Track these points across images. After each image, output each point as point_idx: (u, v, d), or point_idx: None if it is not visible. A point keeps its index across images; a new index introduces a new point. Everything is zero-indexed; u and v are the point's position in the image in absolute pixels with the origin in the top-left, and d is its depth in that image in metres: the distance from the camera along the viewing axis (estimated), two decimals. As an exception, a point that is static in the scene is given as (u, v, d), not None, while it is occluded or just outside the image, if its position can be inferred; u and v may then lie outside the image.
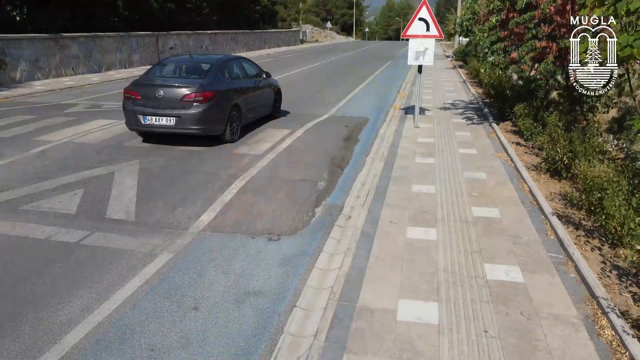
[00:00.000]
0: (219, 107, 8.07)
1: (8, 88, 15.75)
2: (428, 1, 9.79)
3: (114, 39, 21.67)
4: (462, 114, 11.66)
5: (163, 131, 8.03)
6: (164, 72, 8.83)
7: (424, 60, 9.75)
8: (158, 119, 7.87)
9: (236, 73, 9.24)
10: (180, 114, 7.78)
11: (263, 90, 10.09)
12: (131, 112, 8.07)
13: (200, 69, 8.75)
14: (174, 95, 7.82)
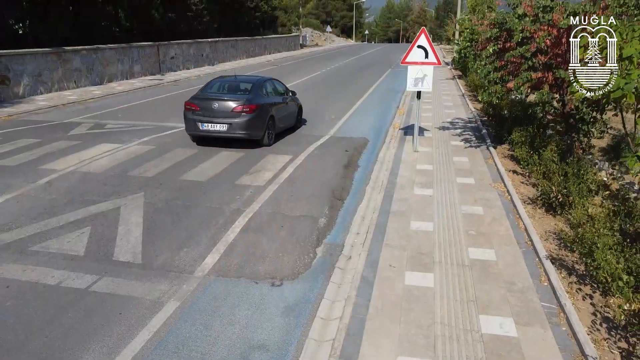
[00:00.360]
0: (260, 117, 10.05)
1: (12, 104, 15.92)
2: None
3: (115, 51, 21.83)
4: (461, 135, 11.83)
5: (216, 135, 9.98)
6: (216, 88, 10.95)
7: (423, 87, 9.92)
8: (213, 125, 9.88)
9: (270, 91, 11.28)
10: (231, 122, 9.80)
11: (289, 105, 12.00)
12: (191, 120, 10.08)
13: (244, 87, 10.85)
14: (226, 107, 9.86)
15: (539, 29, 8.21)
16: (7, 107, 15.43)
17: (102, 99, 17.69)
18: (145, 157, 9.45)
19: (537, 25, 8.20)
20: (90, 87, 20.09)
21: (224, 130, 9.85)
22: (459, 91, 19.62)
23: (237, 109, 9.80)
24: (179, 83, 22.74)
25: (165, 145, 10.43)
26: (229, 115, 9.80)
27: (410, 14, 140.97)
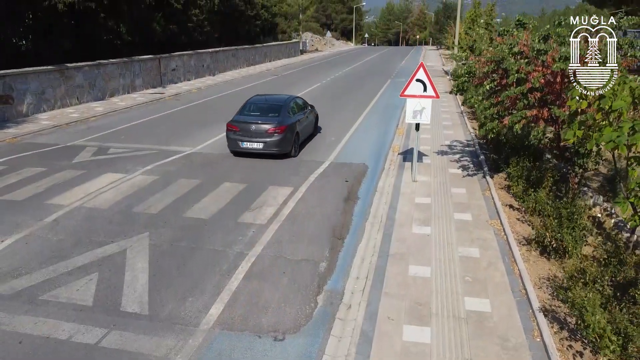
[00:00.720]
0: (288, 135, 11.96)
1: (16, 123, 16.12)
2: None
3: (117, 66, 22.02)
4: (459, 161, 12.02)
5: (254, 151, 11.86)
6: (251, 110, 12.67)
7: (422, 119, 10.11)
8: (251, 144, 11.81)
9: (294, 109, 12.98)
10: (266, 141, 11.73)
11: (309, 117, 13.93)
12: (233, 139, 12.03)
13: (274, 108, 12.53)
14: (262, 129, 11.78)
15: (533, 70, 8.40)
16: (12, 127, 15.64)
17: (104, 117, 17.89)
18: (149, 189, 9.64)
19: (532, 67, 8.39)
20: (92, 102, 20.29)
21: (260, 148, 11.82)
22: (457, 107, 19.81)
23: (270, 131, 11.70)
24: (180, 97, 22.92)
25: (168, 174, 10.62)
26: (264, 135, 11.74)
27: (410, 16, 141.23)
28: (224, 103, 20.91)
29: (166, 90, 24.57)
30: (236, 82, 28.85)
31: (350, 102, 20.75)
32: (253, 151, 11.90)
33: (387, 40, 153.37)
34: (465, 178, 10.67)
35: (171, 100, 21.92)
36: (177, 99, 22.36)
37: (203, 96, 23.09)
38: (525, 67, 8.41)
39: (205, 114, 18.33)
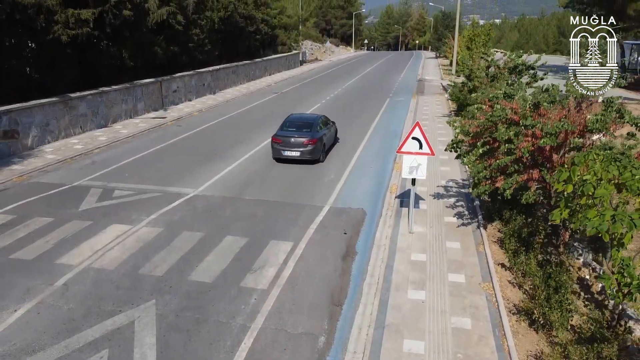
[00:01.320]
0: (318, 146, 15.65)
1: (22, 158, 16.46)
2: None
3: (119, 92, 22.36)
4: (454, 206, 12.36)
5: (293, 158, 15.51)
6: (289, 127, 16.23)
7: (417, 174, 10.45)
8: (291, 152, 15.46)
9: (321, 125, 16.56)
10: (302, 150, 15.42)
11: (331, 131, 17.74)
12: (277, 149, 15.66)
13: (307, 125, 16.22)
14: (298, 141, 15.43)
15: (523, 140, 8.75)
16: (18, 162, 15.98)
17: (108, 148, 18.24)
18: (154, 245, 9.97)
19: (521, 138, 8.73)
20: (95, 130, 20.62)
21: (297, 156, 15.47)
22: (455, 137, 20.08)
23: (305, 142, 15.40)
24: (182, 122, 23.27)
25: (172, 225, 10.95)
26: (300, 146, 15.40)
27: (409, 20, 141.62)
28: (224, 129, 21.25)
29: (167, 113, 24.91)
30: (236, 102, 29.19)
31: (349, 129, 21.06)
32: (292, 158, 15.55)
33: (387, 43, 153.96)
34: (460, 229, 11.01)
35: (172, 126, 22.25)
36: (178, 124, 22.70)
37: (204, 120, 23.42)
38: (514, 140, 8.73)
39: (207, 144, 18.64)
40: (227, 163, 16.03)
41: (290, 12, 50.63)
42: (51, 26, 18.52)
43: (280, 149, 15.58)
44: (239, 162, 16.23)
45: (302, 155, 15.38)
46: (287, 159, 15.61)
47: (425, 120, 23.31)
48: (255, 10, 41.44)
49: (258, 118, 23.87)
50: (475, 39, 30.68)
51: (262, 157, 16.91)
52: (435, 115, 25.02)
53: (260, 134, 19.94)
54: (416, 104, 28.70)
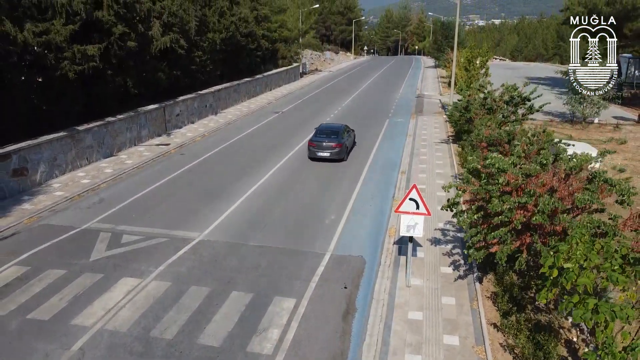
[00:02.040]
0: (343, 148, 20.75)
1: (31, 195, 16.94)
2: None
3: (124, 121, 22.83)
4: (450, 254, 12.85)
5: (324, 158, 20.54)
6: (321, 134, 21.19)
7: (415, 233, 10.94)
8: (323, 153, 20.53)
9: (344, 133, 21.62)
10: (331, 152, 20.49)
11: (351, 136, 23.02)
12: (312, 151, 20.76)
13: (334, 133, 21.20)
14: (329, 145, 20.51)
15: (515, 212, 9.23)
16: (27, 200, 16.45)
17: (114, 181, 18.72)
18: (163, 303, 10.46)
19: (514, 212, 9.21)
20: (101, 160, 21.07)
21: (328, 156, 20.61)
22: (452, 169, 20.61)
23: (333, 146, 20.58)
24: (185, 149, 23.74)
25: (180, 279, 11.44)
26: (330, 148, 20.58)
27: (408, 24, 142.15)
28: (226, 160, 21.68)
29: (171, 139, 25.39)
30: (237, 125, 29.66)
31: (349, 159, 21.54)
32: (324, 158, 20.70)
33: (387, 47, 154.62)
34: (456, 282, 11.50)
35: (176, 154, 22.73)
36: (181, 152, 23.16)
37: (206, 147, 23.88)
38: (508, 213, 9.21)
39: (210, 178, 19.10)
40: (230, 201, 16.51)
41: (290, 25, 51.05)
42: (59, 62, 18.99)
43: (315, 150, 20.79)
44: (241, 200, 16.70)
45: (331, 156, 20.68)
46: (320, 158, 20.87)
47: (423, 148, 23.80)
48: (256, 26, 41.93)
49: (259, 145, 24.32)
50: (473, 61, 31.15)
51: (263, 193, 17.40)
52: (434, 140, 25.49)
53: (261, 167, 20.44)
54: (415, 126, 29.18)
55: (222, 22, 33.37)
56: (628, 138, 27.42)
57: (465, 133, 22.87)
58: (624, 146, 25.80)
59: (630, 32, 36.60)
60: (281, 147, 23.83)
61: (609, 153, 10.75)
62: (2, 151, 16.48)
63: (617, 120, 32.08)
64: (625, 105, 39.96)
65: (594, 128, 30.06)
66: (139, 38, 23.91)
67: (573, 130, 29.47)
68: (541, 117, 33.19)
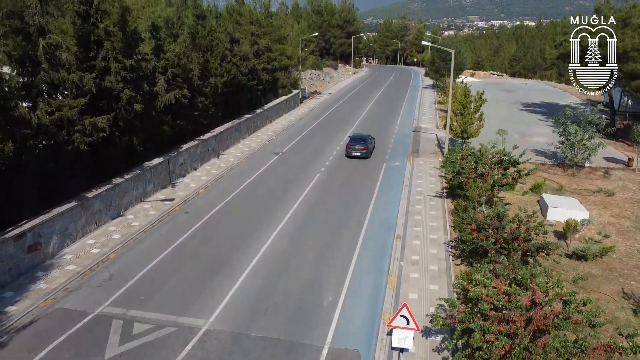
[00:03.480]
0: (369, 150, 33.15)
1: (44, 270, 17.84)
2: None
3: (130, 180, 23.75)
4: (440, 349, 13.78)
5: (357, 156, 32.32)
6: (354, 140, 33.33)
7: (405, 345, 11.90)
8: (355, 152, 32.50)
9: (369, 139, 34.49)
10: (361, 152, 32.56)
11: (373, 142, 34.66)
12: (349, 151, 32.71)
13: (363, 139, 33.43)
14: (360, 148, 32.58)
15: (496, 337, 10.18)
16: (41, 278, 17.35)
17: (122, 250, 19.66)
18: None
19: (492, 350, 10.16)
20: (109, 223, 21.96)
21: (359, 155, 32.11)
22: (445, 233, 21.53)
23: (362, 148, 32.26)
24: (189, 204, 24.67)
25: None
26: (360, 150, 32.22)
27: (407, 34, 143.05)
28: (229, 220, 22.55)
29: (175, 192, 26.29)
30: (239, 170, 30.60)
31: (346, 221, 22.50)
32: (356, 155, 32.11)
33: (386, 56, 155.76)
34: (443, 384, 12.46)
35: (180, 213, 23.65)
36: (186, 210, 24.08)
37: (210, 203, 24.81)
38: (487, 351, 10.16)
39: (214, 246, 20.03)
40: (234, 277, 17.48)
41: (290, 52, 51.96)
42: (71, 136, 19.91)
43: (350, 151, 32.59)
44: (244, 275, 17.66)
45: (361, 154, 32.43)
46: (354, 157, 32.50)
47: (418, 204, 24.73)
48: (256, 59, 42.84)
49: (260, 200, 25.24)
50: (468, 106, 32.10)
51: (265, 265, 18.34)
52: (429, 194, 26.40)
53: (263, 229, 21.37)
54: (411, 172, 30.10)
55: (224, 67, 34.27)
56: (617, 188, 28.38)
57: (458, 188, 23.85)
58: (612, 199, 26.77)
59: (621, 73, 37.57)
60: (282, 202, 24.75)
61: (581, 279, 11.64)
62: (18, 231, 17.39)
63: (608, 163, 33.04)
64: (618, 138, 41.06)
65: (584, 173, 31.00)
66: (144, 96, 24.86)
67: (564, 176, 30.42)
68: (534, 157, 34.27)
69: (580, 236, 21.88)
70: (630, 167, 32.26)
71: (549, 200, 24.54)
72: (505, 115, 48.66)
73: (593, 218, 23.86)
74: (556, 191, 27.68)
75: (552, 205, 23.81)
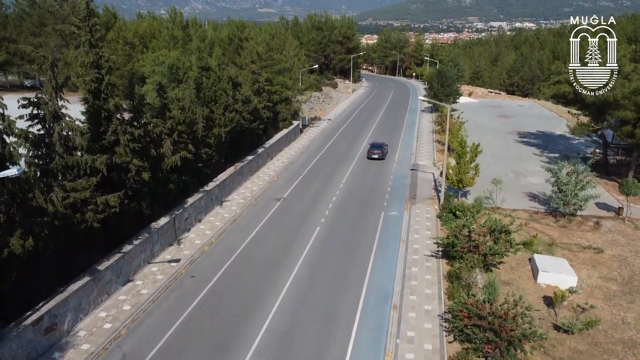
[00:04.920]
0: (384, 153, 46.56)
1: (60, 351, 18.89)
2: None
3: (139, 245, 24.79)
4: None
5: (375, 158, 45.62)
6: (373, 146, 46.83)
7: None
8: (373, 155, 45.88)
9: (384, 145, 47.53)
10: (379, 155, 45.89)
11: (387, 148, 47.95)
12: (369, 154, 46.10)
13: (379, 146, 46.93)
14: (378, 152, 46.04)
15: None
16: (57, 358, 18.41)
17: (133, 324, 20.69)
18: None
19: None
20: (119, 290, 22.98)
21: (377, 157, 45.49)
22: (440, 303, 22.57)
23: (380, 152, 45.90)
24: (195, 266, 25.70)
25: None
26: (378, 154, 45.69)
27: (406, 45, 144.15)
28: (235, 285, 23.58)
29: (181, 249, 27.33)
30: (242, 221, 31.64)
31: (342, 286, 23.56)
32: (374, 158, 45.42)
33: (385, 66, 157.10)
34: None
35: (187, 277, 24.69)
36: (192, 273, 25.11)
37: (215, 264, 25.85)
38: None
39: (219, 319, 21.08)
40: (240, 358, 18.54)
41: (290, 83, 53.04)
42: (84, 215, 20.96)
43: (370, 154, 45.33)
44: (250, 355, 18.73)
45: (378, 157, 45.19)
46: (373, 158, 45.29)
47: (414, 266, 25.78)
48: (257, 97, 43.87)
49: (262, 263, 26.26)
50: (464, 157, 33.18)
51: (269, 346, 19.39)
52: (424, 253, 27.44)
53: (267, 296, 22.42)
54: (408, 225, 31.13)
55: (227, 116, 35.32)
56: (606, 242, 29.45)
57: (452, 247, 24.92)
58: (601, 257, 27.85)
59: (612, 118, 38.71)
60: (283, 266, 25.78)
61: None
62: (36, 316, 18.43)
63: (599, 210, 34.06)
64: (610, 175, 42.18)
65: (576, 224, 32.08)
66: (152, 161, 25.93)
67: (556, 228, 31.49)
68: (527, 204, 35.40)
69: (568, 303, 22.97)
70: (621, 215, 33.34)
71: (540, 262, 25.61)
72: (500, 150, 49.73)
73: (582, 280, 24.98)
74: (548, 246, 28.80)
75: (542, 269, 24.89)
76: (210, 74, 34.85)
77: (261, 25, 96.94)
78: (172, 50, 40.71)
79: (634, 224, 32.14)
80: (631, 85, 35.44)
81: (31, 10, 59.80)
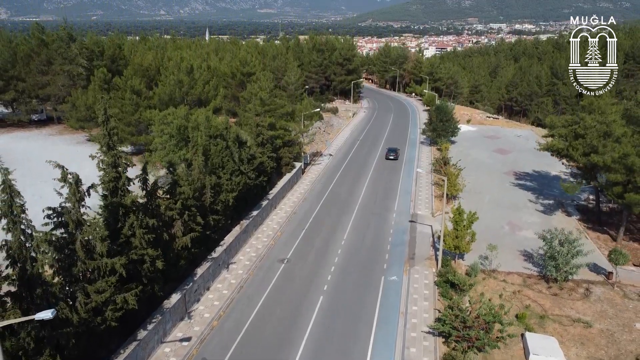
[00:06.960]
0: (398, 156, 66.04)
1: None
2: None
3: (153, 330, 26.21)
4: None
5: (391, 159, 64.91)
6: (389, 150, 65.91)
7: None
8: (390, 157, 65.00)
9: (397, 149, 66.86)
10: (394, 156, 65.15)
11: (399, 151, 67.84)
12: (387, 155, 65.23)
13: (395, 150, 66.21)
14: (393, 155, 65.17)
15: None
16: None
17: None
18: None
19: None
20: (135, 378, 24.48)
21: (392, 158, 64.66)
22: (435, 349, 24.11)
23: (394, 155, 65.14)
24: (206, 346, 27.11)
25: None
26: (393, 156, 64.88)
27: (406, 62, 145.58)
28: None
29: (191, 325, 28.74)
30: (248, 288, 33.02)
31: None
32: (390, 160, 64.38)
33: (385, 80, 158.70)
34: None
35: (199, 358, 26.16)
36: (203, 354, 26.53)
37: (224, 344, 27.24)
38: None
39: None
40: None
41: (292, 126, 54.46)
42: (103, 314, 22.41)
43: (388, 155, 64.47)
44: None
45: (393, 158, 64.30)
46: (389, 159, 64.28)
47: (412, 347, 27.27)
48: (260, 148, 45.29)
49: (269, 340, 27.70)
50: (460, 223, 34.67)
51: None
52: (422, 329, 28.90)
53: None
54: (407, 295, 32.58)
55: (234, 180, 36.74)
56: (595, 314, 30.98)
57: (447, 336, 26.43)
58: (590, 332, 29.38)
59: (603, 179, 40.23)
60: (291, 340, 27.26)
61: None
62: (62, 422, 19.94)
63: (589, 273, 35.56)
64: (603, 226, 43.70)
65: (567, 290, 33.58)
66: (163, 244, 27.37)
67: (548, 296, 32.98)
68: (521, 264, 36.95)
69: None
70: (610, 280, 34.86)
71: (531, 342, 27.17)
72: (496, 196, 51.23)
73: (571, 358, 26.56)
74: (539, 319, 30.34)
75: (533, 352, 26.44)
76: (218, 142, 36.26)
77: (260, 42, 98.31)
78: (180, 108, 42.08)
79: (623, 291, 33.67)
80: (620, 150, 36.90)
81: (39, 50, 61.11)
